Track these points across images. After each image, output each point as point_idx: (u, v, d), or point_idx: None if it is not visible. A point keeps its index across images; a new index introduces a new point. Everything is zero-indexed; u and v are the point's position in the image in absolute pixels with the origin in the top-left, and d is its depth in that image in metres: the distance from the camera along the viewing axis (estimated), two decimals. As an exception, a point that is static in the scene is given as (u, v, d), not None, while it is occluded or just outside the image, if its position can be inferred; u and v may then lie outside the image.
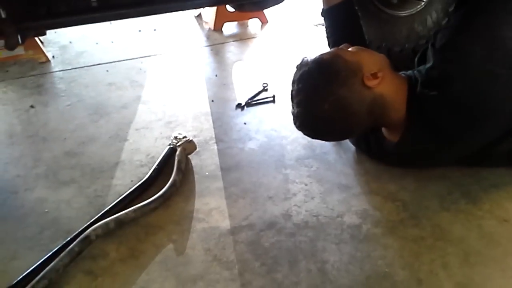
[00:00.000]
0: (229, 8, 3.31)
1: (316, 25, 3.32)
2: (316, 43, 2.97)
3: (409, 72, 1.60)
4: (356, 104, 1.44)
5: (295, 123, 1.55)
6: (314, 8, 3.33)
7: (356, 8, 1.83)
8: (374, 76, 1.44)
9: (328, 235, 1.39)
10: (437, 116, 1.41)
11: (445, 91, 1.38)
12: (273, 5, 2.03)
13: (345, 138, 1.73)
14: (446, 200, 1.50)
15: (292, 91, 1.53)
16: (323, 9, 1.87)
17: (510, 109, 1.40)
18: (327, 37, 1.89)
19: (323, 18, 1.90)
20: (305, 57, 1.53)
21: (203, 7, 3.33)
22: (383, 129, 1.61)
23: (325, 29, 1.90)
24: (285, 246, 1.36)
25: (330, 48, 1.84)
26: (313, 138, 1.64)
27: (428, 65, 1.46)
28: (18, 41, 1.45)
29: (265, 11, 3.46)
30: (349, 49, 1.54)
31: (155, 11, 1.62)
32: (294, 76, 1.53)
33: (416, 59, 1.67)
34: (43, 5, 1.51)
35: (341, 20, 1.83)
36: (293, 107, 1.53)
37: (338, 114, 1.44)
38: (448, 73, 1.38)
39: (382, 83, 1.46)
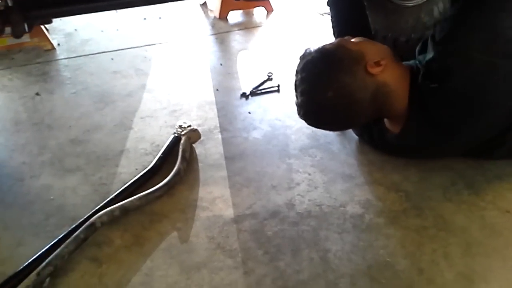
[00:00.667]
0: (235, -4, 3.29)
1: (322, 14, 3.30)
2: (321, 32, 2.96)
3: (412, 61, 1.60)
4: (360, 91, 1.44)
5: (299, 113, 1.55)
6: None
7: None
8: (377, 64, 1.45)
9: (330, 224, 1.40)
10: (437, 108, 1.41)
11: (445, 83, 1.38)
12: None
13: (349, 128, 1.73)
14: (449, 190, 1.51)
15: (295, 81, 1.54)
16: None
17: (510, 101, 1.40)
18: (332, 26, 1.88)
19: (328, 7, 1.89)
20: (308, 48, 1.53)
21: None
22: (386, 120, 1.61)
23: (330, 18, 1.90)
24: (288, 235, 1.37)
25: (335, 38, 1.84)
26: (317, 127, 1.64)
27: (429, 56, 1.45)
28: (24, 29, 1.45)
29: (270, 0, 3.44)
30: (352, 40, 1.54)
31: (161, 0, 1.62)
32: (297, 67, 1.54)
33: (417, 49, 1.66)
34: (49, -6, 1.52)
35: (346, 9, 1.83)
36: (297, 97, 1.54)
37: (342, 101, 1.44)
38: (447, 66, 1.38)
39: (385, 71, 1.46)
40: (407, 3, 2.26)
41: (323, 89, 1.45)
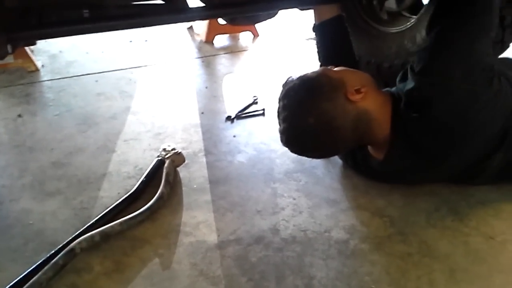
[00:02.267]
0: (221, 21, 3.32)
1: (307, 39, 3.35)
2: (307, 57, 2.99)
3: (393, 88, 1.62)
4: (340, 118, 1.45)
5: (281, 140, 1.55)
6: (306, 22, 3.36)
7: (347, 24, 1.85)
8: (358, 91, 1.46)
9: (315, 250, 1.39)
10: (419, 137, 1.43)
11: (426, 113, 1.39)
12: (265, 20, 2.04)
13: (332, 155, 1.72)
14: (433, 216, 1.51)
15: (278, 108, 1.54)
16: (314, 24, 1.89)
17: (492, 128, 1.43)
18: (318, 52, 1.91)
19: (314, 33, 1.92)
20: (290, 76, 1.55)
21: (195, 20, 3.34)
22: (369, 147, 1.61)
23: (316, 43, 1.92)
24: (272, 261, 1.35)
25: (320, 63, 1.86)
26: (300, 154, 1.63)
27: (409, 86, 1.45)
28: (7, 50, 1.43)
29: (256, 25, 3.48)
30: (334, 69, 1.55)
31: (147, 23, 1.62)
32: (280, 94, 1.55)
33: (397, 78, 1.67)
34: (34, 15, 1.50)
35: (331, 35, 1.86)
36: (279, 124, 1.54)
37: (322, 128, 1.45)
38: (427, 96, 1.39)
39: (365, 99, 1.47)
40: (391, 30, 2.30)
41: (304, 115, 1.45)
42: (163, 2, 1.66)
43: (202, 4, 1.75)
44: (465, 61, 1.38)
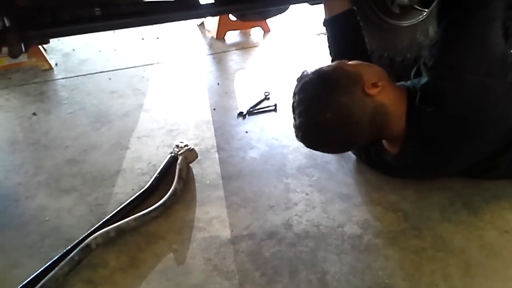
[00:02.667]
0: (232, 17, 3.33)
1: (318, 34, 3.33)
2: (318, 52, 2.98)
3: (408, 82, 1.60)
4: (358, 112, 1.44)
5: (297, 135, 1.54)
6: (316, 17, 3.35)
7: (358, 18, 1.84)
8: (375, 85, 1.45)
9: (329, 245, 1.39)
10: (434, 131, 1.42)
11: (440, 107, 1.38)
12: (275, 15, 2.03)
13: (347, 150, 1.71)
14: (447, 210, 1.50)
15: (293, 103, 1.53)
16: (325, 19, 1.88)
17: (506, 122, 1.42)
18: (329, 46, 1.89)
19: (325, 27, 1.91)
20: (305, 70, 1.54)
21: (206, 17, 3.34)
22: (384, 141, 1.61)
23: (327, 38, 1.91)
24: (285, 256, 1.35)
25: (332, 58, 1.85)
26: (314, 149, 1.63)
27: (423, 81, 1.44)
28: (21, 49, 1.45)
29: (267, 20, 3.47)
30: (349, 62, 1.54)
31: (158, 20, 1.62)
32: (294, 88, 1.54)
33: (412, 73, 1.66)
34: (47, 14, 1.52)
35: (343, 30, 1.84)
36: (294, 119, 1.53)
37: (340, 122, 1.43)
38: (441, 90, 1.38)
39: (382, 92, 1.46)
40: (403, 23, 2.28)
41: (322, 110, 1.43)
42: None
43: (212, 0, 1.75)
44: (476, 53, 1.36)
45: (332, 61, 1.79)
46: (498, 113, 1.38)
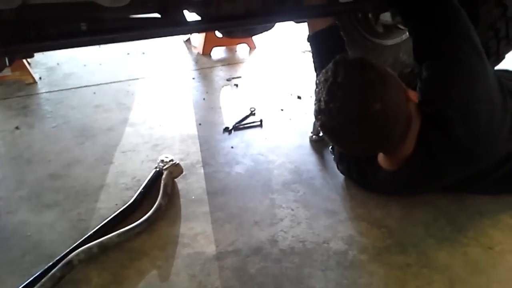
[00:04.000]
0: (218, 33, 3.35)
1: (303, 52, 3.37)
2: (303, 70, 3.01)
3: None
4: (399, 113, 1.38)
5: (324, 123, 1.42)
6: (301, 35, 3.38)
7: (342, 33, 1.86)
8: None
9: (314, 261, 1.38)
10: (442, 155, 1.43)
11: (449, 133, 1.40)
12: (261, 32, 2.05)
13: (369, 152, 1.59)
14: (431, 227, 1.51)
15: (328, 86, 1.38)
16: (308, 35, 1.90)
17: (508, 147, 1.47)
18: (313, 62, 1.90)
19: (309, 43, 1.92)
20: (341, 55, 1.46)
21: (192, 33, 3.36)
22: (380, 157, 1.60)
23: (311, 54, 1.92)
24: (271, 273, 1.35)
25: (317, 73, 1.85)
26: (335, 141, 1.53)
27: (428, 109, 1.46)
28: (5, 63, 1.44)
29: (253, 37, 3.50)
30: None
31: (144, 36, 1.62)
32: (326, 72, 1.42)
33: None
34: (32, 28, 1.51)
35: (327, 44, 1.83)
36: (324, 104, 1.38)
37: (385, 117, 1.34)
38: (448, 118, 1.40)
39: (413, 104, 1.44)
40: (386, 42, 2.33)
41: (372, 99, 1.32)
42: (159, 16, 1.67)
43: (199, 17, 1.77)
44: (473, 83, 1.42)
45: (317, 78, 1.77)
46: (501, 140, 1.44)
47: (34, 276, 1.30)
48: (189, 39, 3.77)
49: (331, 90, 1.37)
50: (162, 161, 1.80)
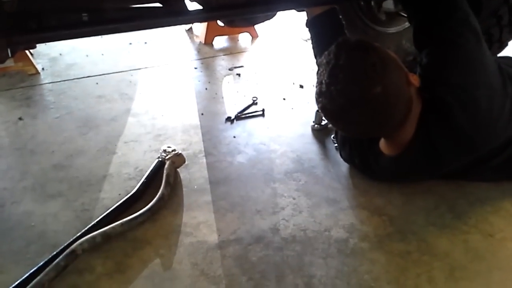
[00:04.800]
0: (220, 22, 3.33)
1: (305, 40, 3.35)
2: (305, 58, 3.00)
3: None
4: (400, 97, 1.39)
5: (325, 106, 1.42)
6: (303, 24, 3.37)
7: (340, 17, 1.84)
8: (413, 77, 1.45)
9: (315, 249, 1.40)
10: (441, 140, 1.43)
11: (449, 119, 1.41)
12: (263, 21, 2.05)
13: (370, 135, 1.60)
14: (432, 214, 1.52)
15: (329, 69, 1.39)
16: (307, 19, 1.88)
17: (508, 133, 1.47)
18: (313, 47, 1.89)
19: (307, 28, 1.90)
20: (343, 38, 1.46)
21: (194, 23, 3.35)
22: (381, 143, 1.61)
23: (310, 39, 1.91)
24: (272, 261, 1.36)
25: (316, 59, 1.83)
26: (337, 124, 1.54)
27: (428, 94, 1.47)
28: (8, 54, 1.44)
29: (255, 26, 3.49)
30: None
31: (146, 26, 1.62)
32: (328, 54, 1.42)
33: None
34: (34, 19, 1.51)
35: (325, 29, 1.82)
36: (325, 86, 1.39)
37: (386, 100, 1.35)
38: (448, 104, 1.41)
39: (414, 88, 1.45)
40: (389, 30, 2.31)
41: (373, 82, 1.33)
42: (161, 5, 1.67)
43: (201, 7, 1.76)
44: (475, 69, 1.41)
45: (317, 62, 1.72)
46: (501, 126, 1.44)
47: (38, 265, 1.32)
48: (191, 28, 3.76)
49: (333, 72, 1.38)
50: (164, 151, 1.81)
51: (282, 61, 3.04)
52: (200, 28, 3.54)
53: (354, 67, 1.36)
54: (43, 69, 2.97)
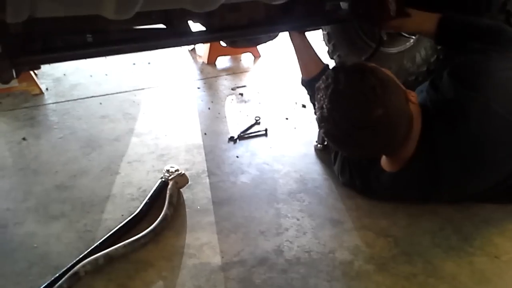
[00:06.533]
0: (223, 43, 3.37)
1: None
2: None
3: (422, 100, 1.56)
4: (402, 117, 1.40)
5: (328, 131, 1.45)
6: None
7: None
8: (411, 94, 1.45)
9: (320, 271, 1.38)
10: (445, 156, 1.42)
11: (460, 128, 1.40)
12: (266, 41, 2.07)
13: (373, 156, 1.62)
14: (437, 236, 1.50)
15: (331, 92, 1.40)
16: (302, 78, 1.91)
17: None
18: (312, 102, 1.90)
19: (303, 86, 1.94)
20: (340, 62, 1.49)
21: (197, 43, 3.38)
22: (383, 161, 1.60)
23: (308, 96, 1.95)
24: (277, 283, 1.34)
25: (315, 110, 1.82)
26: (340, 147, 1.56)
27: (447, 97, 1.46)
28: (12, 75, 1.46)
29: (258, 46, 3.52)
30: None
31: (149, 47, 1.65)
32: (327, 79, 1.44)
33: (426, 88, 1.61)
34: (39, 40, 1.53)
35: None
36: (327, 110, 1.41)
37: (388, 123, 1.37)
38: (465, 110, 1.40)
39: (413, 105, 1.45)
40: (390, 50, 2.33)
41: (374, 105, 1.34)
42: (164, 27, 1.69)
43: (203, 28, 1.78)
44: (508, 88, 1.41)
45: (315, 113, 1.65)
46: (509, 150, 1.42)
47: (41, 287, 1.30)
48: (194, 48, 3.79)
49: (333, 97, 1.40)
50: (167, 171, 1.80)
51: (284, 80, 3.05)
52: (203, 48, 3.57)
53: (354, 91, 1.37)
54: (47, 89, 2.99)
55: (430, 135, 1.45)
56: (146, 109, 2.65)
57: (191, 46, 3.80)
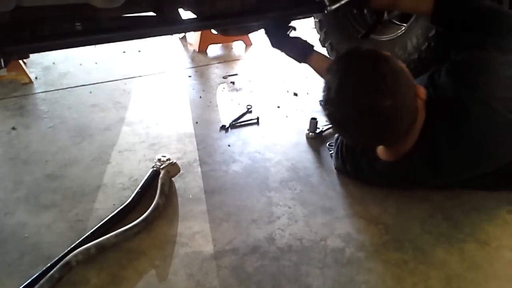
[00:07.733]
0: (214, 31, 3.34)
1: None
2: (299, 67, 3.00)
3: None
4: (408, 109, 1.38)
5: (335, 118, 1.43)
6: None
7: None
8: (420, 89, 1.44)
9: (311, 259, 1.39)
10: (446, 149, 1.43)
11: (461, 125, 1.40)
12: (257, 30, 2.05)
13: (375, 145, 1.60)
14: (427, 223, 1.52)
15: (342, 75, 1.38)
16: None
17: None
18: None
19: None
20: (351, 47, 1.44)
21: (188, 31, 3.36)
22: (379, 150, 1.61)
23: None
24: (269, 271, 1.35)
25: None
26: (340, 129, 1.52)
27: (446, 94, 1.46)
28: (1, 64, 1.44)
29: (249, 34, 3.50)
30: None
31: (140, 35, 1.63)
32: (336, 64, 1.43)
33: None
34: (27, 29, 1.51)
35: None
36: (336, 93, 1.38)
37: (395, 113, 1.35)
38: (467, 108, 1.40)
39: (422, 100, 1.44)
40: (382, 38, 2.32)
41: (384, 94, 1.31)
42: (154, 14, 1.67)
43: (194, 16, 1.76)
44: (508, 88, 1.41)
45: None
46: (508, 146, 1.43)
47: (32, 277, 1.30)
48: (185, 36, 3.77)
49: (343, 81, 1.37)
50: (159, 160, 1.80)
51: (276, 69, 3.04)
52: (194, 36, 3.55)
53: (365, 78, 1.35)
54: (36, 78, 2.95)
55: (431, 131, 1.45)
56: (136, 98, 2.64)
57: (182, 34, 3.77)
